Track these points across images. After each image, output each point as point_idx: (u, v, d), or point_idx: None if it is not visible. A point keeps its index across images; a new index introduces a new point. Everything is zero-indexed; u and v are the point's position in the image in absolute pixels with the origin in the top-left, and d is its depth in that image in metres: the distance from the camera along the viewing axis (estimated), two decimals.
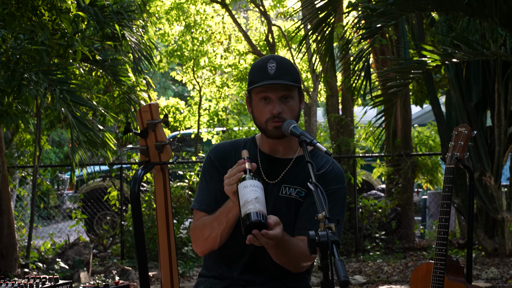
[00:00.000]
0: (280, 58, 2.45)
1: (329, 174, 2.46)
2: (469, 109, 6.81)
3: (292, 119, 2.41)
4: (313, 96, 8.35)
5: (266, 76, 2.40)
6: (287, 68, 2.43)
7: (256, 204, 2.10)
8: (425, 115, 13.24)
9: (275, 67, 2.40)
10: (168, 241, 1.70)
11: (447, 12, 5.35)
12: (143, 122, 1.71)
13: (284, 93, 2.40)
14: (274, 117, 2.39)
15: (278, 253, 2.34)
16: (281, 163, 2.50)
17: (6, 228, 6.67)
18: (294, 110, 2.43)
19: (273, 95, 2.40)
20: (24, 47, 4.29)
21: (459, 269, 3.11)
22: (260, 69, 2.43)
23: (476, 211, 7.14)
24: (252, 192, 2.13)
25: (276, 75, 2.39)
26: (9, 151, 7.68)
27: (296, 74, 2.45)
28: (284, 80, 2.39)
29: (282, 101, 2.41)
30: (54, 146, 16.50)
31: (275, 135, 2.42)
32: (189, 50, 10.14)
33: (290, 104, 2.42)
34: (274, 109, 2.39)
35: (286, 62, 2.45)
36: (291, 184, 2.46)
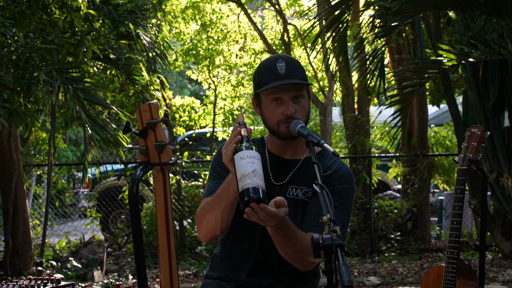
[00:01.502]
0: (287, 57, 2.42)
1: (336, 174, 2.43)
2: (487, 109, 6.72)
3: (305, 118, 2.39)
4: (328, 95, 8.30)
5: (276, 76, 2.35)
6: (297, 66, 2.39)
7: (254, 178, 1.99)
8: (442, 115, 13.12)
9: (284, 66, 2.35)
10: (168, 242, 1.68)
11: (463, 11, 5.27)
12: (142, 122, 1.68)
13: (296, 93, 2.37)
14: (287, 118, 2.35)
15: (284, 244, 2.26)
16: (289, 165, 2.47)
17: (22, 226, 6.71)
18: (306, 109, 2.41)
19: (285, 95, 2.35)
20: (34, 46, 4.30)
21: (471, 273, 3.05)
22: (268, 70, 2.38)
23: (493, 212, 7.05)
24: (249, 164, 2.01)
25: (287, 75, 2.35)
26: (25, 149, 7.73)
27: (304, 72, 2.43)
28: (295, 79, 2.35)
29: (294, 101, 2.37)
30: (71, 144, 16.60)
31: (289, 136, 2.38)
32: (204, 49, 10.12)
33: (302, 104, 2.39)
34: (288, 110, 2.35)
35: (295, 61, 2.41)
36: (298, 185, 2.43)
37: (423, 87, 6.43)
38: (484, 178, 3.10)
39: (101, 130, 5.39)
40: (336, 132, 10.19)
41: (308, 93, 2.45)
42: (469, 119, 7.03)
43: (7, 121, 4.45)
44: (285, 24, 8.88)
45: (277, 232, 2.21)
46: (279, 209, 2.08)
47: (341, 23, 5.76)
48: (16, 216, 6.62)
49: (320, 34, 6.14)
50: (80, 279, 6.48)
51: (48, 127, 8.14)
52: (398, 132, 6.68)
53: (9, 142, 6.38)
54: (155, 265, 7.47)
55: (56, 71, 4.74)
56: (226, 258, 2.50)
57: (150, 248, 7.70)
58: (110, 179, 9.27)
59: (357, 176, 8.38)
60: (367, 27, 5.98)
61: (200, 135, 10.89)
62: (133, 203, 1.56)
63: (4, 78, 4.29)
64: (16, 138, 6.67)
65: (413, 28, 8.07)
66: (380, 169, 10.04)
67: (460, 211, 2.98)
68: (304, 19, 10.93)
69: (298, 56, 10.71)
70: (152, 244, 7.71)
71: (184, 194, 8.14)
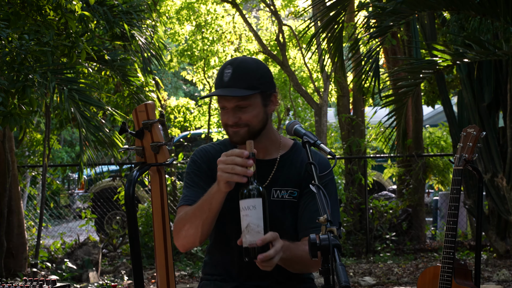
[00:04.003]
0: (239, 62, 2.31)
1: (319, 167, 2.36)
2: (481, 109, 6.74)
3: (255, 124, 2.31)
4: (323, 96, 8.31)
5: (220, 84, 2.29)
6: (244, 73, 2.28)
7: (247, 235, 2.00)
8: (437, 115, 13.15)
9: (230, 73, 2.27)
10: (164, 243, 1.67)
11: (458, 11, 5.28)
12: (139, 122, 1.68)
13: (238, 103, 2.28)
14: (231, 125, 2.30)
15: (290, 265, 2.27)
16: (266, 165, 2.41)
17: (16, 227, 6.69)
18: (255, 116, 2.31)
19: (228, 104, 2.29)
20: (29, 48, 4.27)
21: (467, 273, 3.06)
22: (218, 75, 2.32)
23: (488, 212, 7.06)
24: (244, 218, 2.02)
25: (230, 83, 2.27)
26: (19, 150, 7.71)
27: (256, 78, 2.30)
28: (236, 88, 2.25)
29: (239, 110, 2.29)
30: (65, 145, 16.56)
31: (235, 140, 2.33)
32: (199, 49, 10.12)
33: (249, 112, 2.29)
34: (229, 119, 2.30)
35: (245, 67, 2.30)
36: (282, 186, 2.39)
37: (418, 87, 6.44)
38: (480, 178, 3.11)
39: (96, 131, 5.37)
40: (331, 132, 10.20)
41: (266, 98, 2.34)
42: (464, 119, 7.05)
43: (1, 123, 4.43)
44: (280, 25, 8.89)
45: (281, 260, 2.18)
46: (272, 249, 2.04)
47: (337, 24, 5.76)
48: (11, 217, 6.59)
49: (315, 35, 6.14)
50: (75, 281, 6.46)
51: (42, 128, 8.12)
52: (393, 133, 6.70)
53: (3, 143, 6.35)
54: (150, 266, 7.46)
55: (51, 72, 4.72)
56: (219, 266, 2.47)
57: (145, 249, 7.69)
58: (105, 180, 9.25)
59: (353, 177, 8.38)
60: (362, 28, 5.99)
61: (195, 136, 10.88)
62: (129, 203, 1.55)
63: None
64: (10, 139, 6.64)
65: (408, 29, 8.08)
66: (375, 169, 10.05)
67: (456, 211, 2.99)
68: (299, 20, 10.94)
69: (293, 56, 10.71)
70: (147, 245, 7.70)
71: (179, 195, 8.13)
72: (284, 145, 2.47)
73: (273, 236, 2.05)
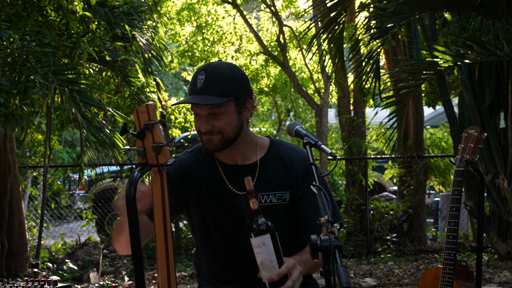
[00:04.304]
0: (212, 68, 2.26)
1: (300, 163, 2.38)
2: (482, 110, 6.73)
3: (229, 132, 2.27)
4: (324, 97, 8.30)
5: (193, 90, 2.25)
6: (217, 80, 2.23)
7: (263, 271, 2.08)
8: (438, 116, 13.15)
9: (203, 80, 2.23)
10: (165, 243, 1.67)
11: (459, 12, 5.28)
12: (140, 123, 1.68)
13: (211, 110, 2.24)
14: (204, 133, 2.28)
15: (308, 273, 2.32)
16: (247, 170, 2.36)
17: (17, 228, 6.69)
18: (229, 123, 2.26)
19: (201, 111, 2.26)
20: (30, 49, 4.27)
21: (468, 274, 3.05)
22: (192, 81, 2.28)
23: (489, 213, 7.06)
24: (257, 255, 2.09)
25: (202, 90, 2.22)
26: (21, 151, 7.71)
27: (230, 84, 2.25)
28: (208, 95, 2.21)
29: (212, 117, 2.26)
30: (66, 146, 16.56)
31: (208, 148, 2.30)
32: (200, 50, 10.12)
33: (222, 119, 2.25)
34: (202, 126, 2.27)
35: (218, 73, 2.25)
36: (269, 190, 2.35)
37: (419, 88, 6.43)
38: (481, 179, 3.10)
39: (97, 131, 5.38)
40: (332, 133, 10.21)
41: (240, 105, 2.29)
42: (464, 120, 7.04)
43: (3, 124, 4.43)
44: (280, 26, 8.89)
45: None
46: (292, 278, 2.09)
47: (337, 25, 5.76)
48: (12, 218, 6.60)
49: (316, 35, 6.14)
50: (76, 281, 6.46)
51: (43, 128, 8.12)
52: (393, 134, 6.69)
53: (5, 144, 6.36)
54: (151, 266, 7.46)
55: (52, 73, 4.73)
56: (213, 274, 2.45)
57: (146, 249, 7.69)
58: (106, 180, 9.25)
59: (353, 178, 8.38)
60: (363, 29, 5.99)
61: (195, 136, 10.87)
62: (130, 204, 1.55)
63: (1, 82, 4.27)
64: (12, 140, 6.65)
65: (408, 30, 8.08)
66: (376, 170, 10.05)
67: (457, 212, 2.98)
68: (300, 20, 10.94)
69: (294, 57, 10.71)
70: (148, 246, 7.70)
71: None
72: (262, 146, 2.42)
73: (289, 267, 2.10)
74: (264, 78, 10.58)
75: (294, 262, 2.14)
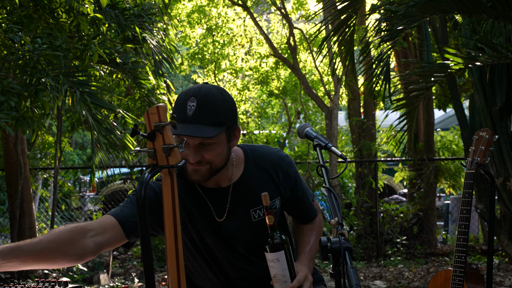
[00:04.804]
0: (204, 95, 2.12)
1: (281, 163, 2.37)
2: (493, 113, 6.70)
3: (218, 162, 2.17)
4: (334, 99, 8.29)
5: (183, 118, 2.10)
6: (210, 108, 2.10)
7: (276, 284, 2.18)
8: (449, 119, 13.10)
9: (194, 107, 2.09)
10: (175, 245, 1.67)
11: (470, 14, 5.25)
12: (150, 125, 1.68)
13: (202, 141, 2.12)
14: (193, 163, 2.15)
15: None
16: (230, 191, 2.30)
17: (28, 229, 6.73)
18: (219, 154, 2.16)
19: (191, 142, 2.12)
20: (41, 52, 4.29)
21: (479, 277, 3.04)
22: (180, 106, 2.12)
23: (500, 217, 7.02)
24: (270, 269, 2.19)
25: (195, 118, 2.08)
26: (31, 153, 7.75)
27: (222, 113, 2.13)
28: (201, 124, 2.08)
29: (202, 147, 2.14)
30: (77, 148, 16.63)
31: (194, 179, 2.18)
32: (210, 53, 10.14)
33: (213, 149, 2.14)
34: (190, 157, 2.13)
35: (210, 101, 2.11)
36: (260, 204, 2.28)
37: (429, 91, 6.41)
38: (492, 182, 3.08)
39: (108, 133, 5.39)
40: (342, 136, 10.19)
41: (230, 133, 2.19)
42: (475, 123, 7.00)
43: (14, 127, 4.45)
44: (291, 28, 8.89)
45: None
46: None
47: (348, 27, 5.75)
48: (23, 219, 6.63)
49: (326, 38, 6.13)
50: (86, 283, 6.48)
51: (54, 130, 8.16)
52: (404, 136, 6.67)
53: (16, 146, 6.39)
54: (160, 268, 7.47)
55: (63, 75, 4.75)
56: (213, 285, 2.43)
57: (156, 251, 7.71)
58: (116, 182, 9.28)
59: (363, 180, 8.36)
60: (373, 31, 5.98)
61: None
62: (141, 206, 1.56)
63: (12, 85, 4.30)
64: (23, 142, 6.68)
65: (419, 32, 8.06)
66: (386, 173, 10.02)
67: (468, 215, 2.97)
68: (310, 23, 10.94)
69: (304, 60, 10.70)
70: (157, 248, 7.71)
71: None
72: (238, 161, 2.34)
73: (300, 280, 2.17)
74: (274, 81, 10.59)
75: (306, 272, 2.21)
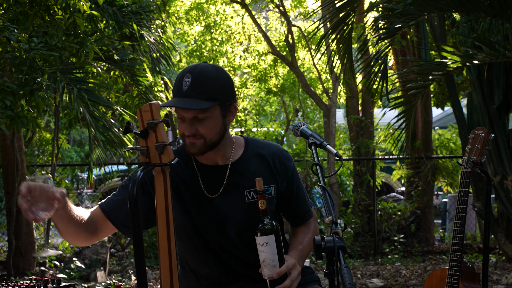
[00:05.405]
0: (199, 71, 2.23)
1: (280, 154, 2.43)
2: (491, 111, 6.69)
3: (212, 136, 2.25)
4: (332, 97, 8.29)
5: (178, 93, 2.22)
6: (204, 83, 2.21)
7: (264, 269, 2.17)
8: (447, 117, 13.10)
9: (189, 82, 2.20)
10: (168, 243, 1.67)
11: (468, 12, 5.25)
12: (143, 122, 1.68)
13: (197, 115, 2.22)
14: (188, 136, 2.25)
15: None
16: (226, 170, 2.36)
17: (25, 226, 6.72)
18: (213, 128, 2.25)
19: (186, 115, 2.22)
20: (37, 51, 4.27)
21: (474, 276, 3.04)
22: (177, 83, 2.25)
23: (497, 215, 7.02)
24: (260, 253, 2.18)
25: (189, 93, 2.19)
26: (29, 150, 7.74)
27: (216, 88, 2.23)
28: (195, 99, 2.19)
29: (197, 121, 2.23)
30: (75, 145, 16.62)
31: (191, 151, 2.27)
32: (208, 50, 10.13)
33: (207, 123, 2.24)
34: (186, 130, 2.24)
35: (205, 76, 2.22)
36: (253, 186, 2.30)
37: (427, 89, 6.40)
38: (488, 180, 3.08)
39: (105, 130, 5.39)
40: (340, 134, 10.18)
41: (225, 109, 2.28)
42: (473, 121, 7.00)
43: (9, 126, 4.44)
44: (289, 26, 8.88)
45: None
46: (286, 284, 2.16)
47: (346, 25, 5.74)
48: (20, 216, 6.62)
49: (325, 36, 6.13)
50: (83, 280, 6.48)
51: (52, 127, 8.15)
52: (402, 134, 6.66)
53: (13, 143, 6.38)
54: (157, 266, 7.48)
55: (60, 72, 4.74)
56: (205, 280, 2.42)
57: (154, 249, 7.70)
58: (113, 179, 9.27)
59: (361, 178, 8.36)
60: (371, 29, 5.97)
61: None
62: (133, 204, 1.55)
63: (7, 84, 4.28)
64: (20, 139, 6.67)
65: (417, 30, 8.05)
66: (384, 171, 10.02)
67: (463, 214, 2.97)
68: (309, 21, 10.93)
69: (302, 57, 10.70)
70: (155, 245, 7.70)
71: None
72: (238, 145, 2.43)
73: (289, 266, 2.17)
74: (273, 78, 10.58)
75: (295, 262, 2.20)
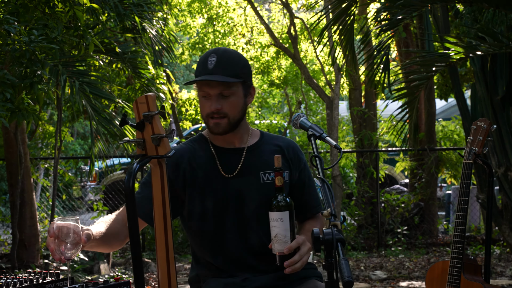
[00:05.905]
0: (223, 51, 2.34)
1: (293, 145, 2.51)
2: (495, 103, 6.66)
3: (235, 114, 2.34)
4: (335, 89, 8.26)
5: (204, 71, 2.30)
6: (228, 62, 2.31)
7: (275, 244, 2.20)
8: (450, 109, 13.04)
9: (215, 61, 2.30)
10: (165, 235, 1.66)
11: (471, 3, 5.21)
12: (139, 114, 1.67)
13: (222, 91, 2.30)
14: (213, 113, 2.32)
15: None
16: (245, 152, 2.43)
17: (29, 219, 6.73)
18: (236, 105, 2.34)
19: (211, 91, 2.31)
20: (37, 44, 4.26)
21: (476, 268, 3.02)
22: (201, 63, 2.34)
23: (501, 207, 7.00)
24: (272, 228, 2.21)
25: (214, 70, 2.29)
26: (32, 142, 7.74)
27: (239, 67, 2.33)
28: (220, 75, 2.28)
29: (222, 97, 2.31)
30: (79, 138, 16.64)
31: (216, 131, 2.35)
32: (211, 42, 10.11)
33: (231, 100, 2.32)
34: (212, 106, 2.30)
35: (228, 56, 2.33)
36: (269, 169, 2.38)
37: (430, 80, 6.37)
38: (490, 172, 3.06)
39: (108, 123, 5.38)
40: (343, 126, 10.16)
41: (247, 89, 2.38)
42: (477, 113, 6.97)
43: (9, 119, 4.44)
44: (291, 18, 8.84)
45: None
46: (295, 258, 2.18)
47: (348, 16, 5.71)
48: (23, 209, 6.64)
49: (326, 27, 6.09)
50: (86, 272, 6.49)
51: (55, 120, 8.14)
52: (405, 126, 6.64)
53: (16, 136, 6.39)
54: None
55: (62, 65, 4.73)
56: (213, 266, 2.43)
57: None
58: (116, 172, 9.28)
59: (364, 170, 8.35)
60: (374, 20, 5.94)
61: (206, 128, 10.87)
62: (129, 197, 1.54)
63: (7, 77, 4.28)
64: (23, 131, 6.67)
65: (420, 21, 8.01)
66: (387, 163, 10.00)
67: (465, 206, 2.95)
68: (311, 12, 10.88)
69: (305, 49, 10.66)
70: None
71: None
72: (254, 134, 2.51)
73: (299, 242, 2.20)
74: (275, 70, 10.55)
75: (304, 238, 2.24)
